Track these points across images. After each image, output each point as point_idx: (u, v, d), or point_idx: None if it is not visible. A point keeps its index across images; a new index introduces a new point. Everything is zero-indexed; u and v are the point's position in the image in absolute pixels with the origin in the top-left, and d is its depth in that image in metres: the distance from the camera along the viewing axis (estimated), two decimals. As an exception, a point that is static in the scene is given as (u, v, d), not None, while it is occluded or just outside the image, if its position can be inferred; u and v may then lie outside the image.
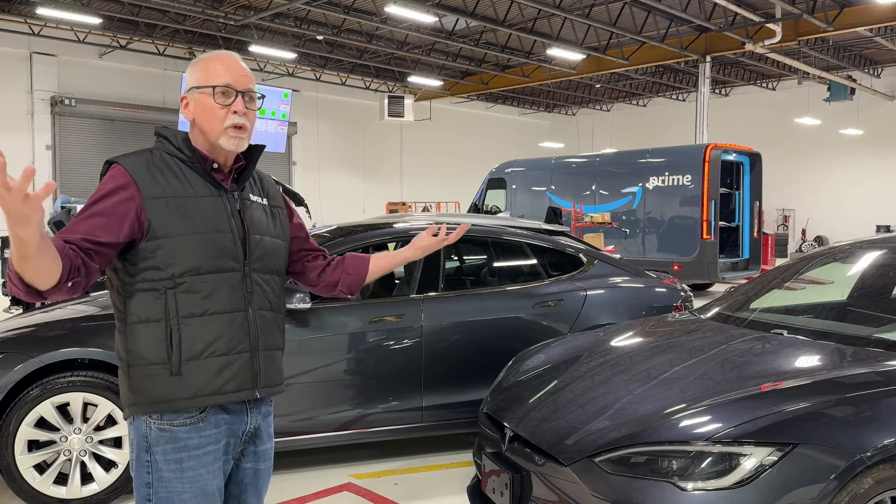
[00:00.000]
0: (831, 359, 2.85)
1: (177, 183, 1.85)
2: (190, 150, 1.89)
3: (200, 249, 1.82)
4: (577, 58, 19.04)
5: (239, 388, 1.87)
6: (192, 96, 1.91)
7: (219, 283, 1.84)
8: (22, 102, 18.45)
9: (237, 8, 16.03)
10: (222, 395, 1.84)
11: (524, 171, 16.40)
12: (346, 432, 4.13)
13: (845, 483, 2.25)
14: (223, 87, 1.87)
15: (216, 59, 1.92)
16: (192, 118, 1.92)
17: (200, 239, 1.83)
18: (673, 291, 5.09)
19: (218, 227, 1.86)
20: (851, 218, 22.70)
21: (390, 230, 4.68)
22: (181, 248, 1.80)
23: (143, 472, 1.83)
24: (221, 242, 1.86)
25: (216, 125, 1.87)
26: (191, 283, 1.81)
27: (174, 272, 1.80)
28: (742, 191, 13.64)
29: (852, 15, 15.42)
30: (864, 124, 22.96)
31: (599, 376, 3.09)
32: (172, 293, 1.79)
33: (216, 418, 1.86)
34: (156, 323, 1.79)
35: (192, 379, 1.81)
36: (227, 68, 1.90)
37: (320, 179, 24.17)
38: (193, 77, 1.92)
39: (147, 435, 1.82)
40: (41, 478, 3.61)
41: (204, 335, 1.82)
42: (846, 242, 4.08)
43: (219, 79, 1.88)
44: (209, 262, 1.83)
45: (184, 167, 1.88)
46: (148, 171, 1.84)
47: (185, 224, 1.82)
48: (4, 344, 3.67)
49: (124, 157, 1.87)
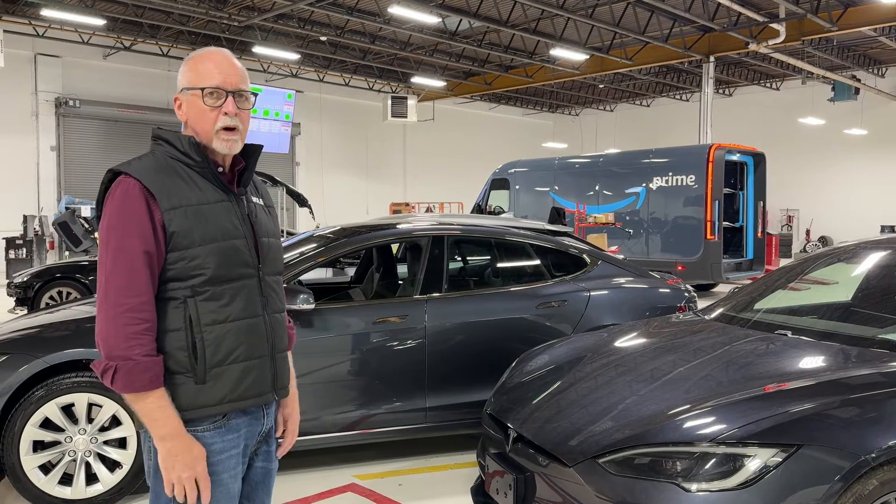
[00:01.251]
0: (836, 360, 2.85)
1: (188, 189, 1.80)
2: (199, 154, 1.84)
3: (220, 258, 1.80)
4: (580, 58, 19.02)
5: (260, 393, 1.88)
6: (184, 97, 1.86)
7: (238, 289, 1.83)
8: (26, 104, 18.49)
9: (241, 9, 16.05)
10: (245, 399, 1.85)
11: (527, 171, 16.40)
12: (349, 433, 4.14)
13: (850, 484, 2.25)
14: (212, 89, 1.83)
15: (206, 59, 1.86)
16: (185, 119, 1.88)
17: (219, 247, 1.80)
18: (677, 292, 5.09)
19: (233, 233, 1.84)
20: (856, 218, 22.64)
21: (394, 231, 4.68)
22: (202, 257, 1.78)
23: (160, 478, 1.80)
24: (239, 249, 1.84)
25: (208, 127, 1.84)
26: (212, 291, 1.80)
27: (195, 283, 1.78)
28: (746, 191, 13.62)
29: (856, 14, 15.38)
30: (869, 124, 22.90)
31: (603, 377, 3.09)
32: (193, 301, 1.78)
33: (237, 422, 1.86)
34: (177, 332, 1.78)
35: (218, 386, 1.80)
36: (218, 68, 1.85)
37: (324, 180, 24.18)
38: (184, 77, 1.87)
39: None
40: (46, 478, 3.62)
41: (227, 342, 1.81)
42: (850, 243, 4.07)
43: (208, 80, 1.83)
44: (229, 269, 1.82)
45: (191, 172, 1.83)
46: (160, 180, 1.78)
47: (204, 233, 1.79)
48: (9, 345, 3.68)
49: (130, 167, 1.79)
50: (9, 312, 8.76)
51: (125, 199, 1.75)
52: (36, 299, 8.56)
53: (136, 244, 1.72)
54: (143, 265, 1.72)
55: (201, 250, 1.78)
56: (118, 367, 1.69)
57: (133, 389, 1.70)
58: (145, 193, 1.75)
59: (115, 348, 1.69)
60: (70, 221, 12.50)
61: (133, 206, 1.74)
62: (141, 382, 1.70)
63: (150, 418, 1.73)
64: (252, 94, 1.92)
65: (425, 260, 4.47)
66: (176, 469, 1.74)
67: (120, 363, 1.69)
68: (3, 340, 3.73)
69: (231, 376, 1.82)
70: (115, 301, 1.70)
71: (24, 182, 18.29)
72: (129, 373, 1.69)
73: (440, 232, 4.59)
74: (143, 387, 1.70)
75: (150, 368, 1.70)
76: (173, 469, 1.74)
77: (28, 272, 8.92)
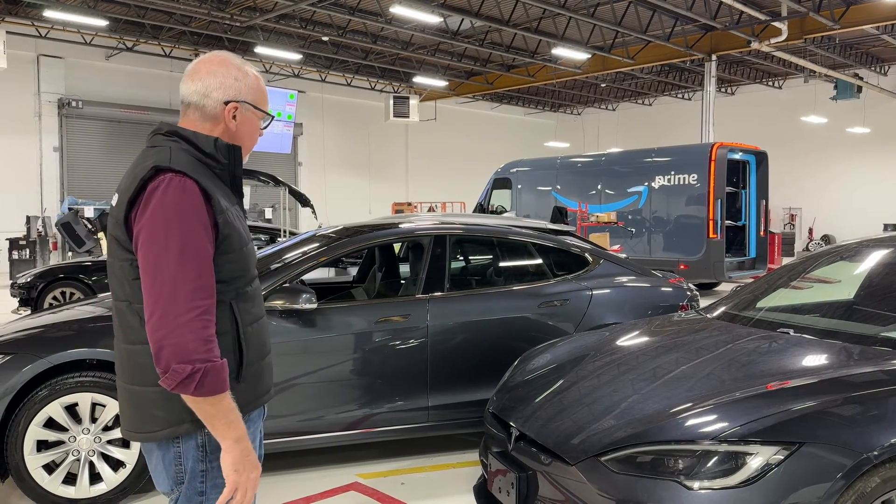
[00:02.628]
0: (838, 358, 2.85)
1: (222, 192, 1.82)
2: (226, 157, 1.85)
3: (249, 260, 1.88)
4: (582, 57, 19.02)
5: (271, 387, 1.98)
6: (245, 111, 1.87)
7: (256, 290, 1.92)
8: (29, 105, 18.54)
9: (243, 9, 16.07)
10: (265, 395, 1.94)
11: (529, 170, 16.39)
12: (352, 432, 4.14)
13: (852, 482, 2.25)
14: (269, 116, 1.95)
15: (260, 78, 1.94)
16: (235, 129, 1.87)
17: (247, 250, 1.87)
18: (679, 291, 5.09)
19: (248, 237, 1.91)
20: (858, 216, 22.62)
21: (396, 230, 4.68)
22: (241, 260, 1.83)
23: (196, 482, 1.81)
24: (253, 252, 1.94)
25: (250, 145, 1.95)
26: (246, 293, 1.86)
27: (239, 285, 1.83)
28: (748, 190, 13.60)
29: (859, 13, 15.36)
30: (871, 122, 22.86)
31: (605, 375, 3.09)
32: (236, 303, 1.82)
33: (254, 416, 1.93)
34: (226, 335, 1.78)
35: (252, 384, 1.86)
36: (267, 94, 1.95)
37: (326, 180, 24.21)
38: (250, 92, 1.87)
39: (205, 444, 1.79)
40: (50, 478, 3.64)
41: (257, 341, 1.89)
42: (853, 241, 4.07)
43: (267, 104, 1.94)
44: (251, 271, 1.90)
45: (212, 174, 1.82)
46: (210, 182, 1.77)
47: (240, 236, 1.84)
48: (13, 345, 3.69)
49: (174, 162, 1.72)
50: (12, 313, 8.79)
51: (185, 197, 1.69)
52: (39, 300, 8.58)
53: (204, 244, 1.70)
54: (210, 266, 1.71)
55: (239, 253, 1.83)
56: (206, 369, 1.62)
57: (219, 391, 1.66)
58: (204, 194, 1.72)
59: (195, 352, 1.62)
60: (73, 222, 12.50)
61: (196, 206, 1.70)
62: (224, 384, 1.68)
63: (227, 420, 1.69)
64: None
65: (427, 259, 4.47)
66: (247, 469, 1.73)
67: (208, 366, 1.63)
68: (7, 340, 3.74)
69: (260, 374, 1.90)
70: (189, 304, 1.63)
71: (27, 183, 18.33)
72: (218, 375, 1.65)
73: (442, 231, 4.59)
74: (224, 388, 1.68)
75: (225, 368, 1.69)
76: (244, 470, 1.73)
77: (31, 273, 8.94)
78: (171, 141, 1.80)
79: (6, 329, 3.99)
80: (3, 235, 15.96)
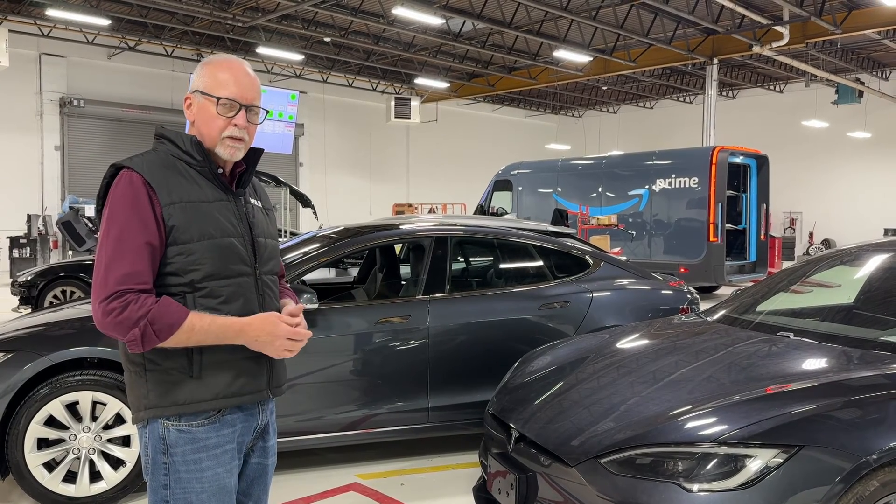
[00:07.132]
0: (838, 361, 2.85)
1: (188, 186, 1.84)
2: (200, 154, 1.87)
3: (217, 255, 1.83)
4: (583, 60, 19.03)
5: (255, 390, 1.91)
6: (197, 99, 1.89)
7: (235, 287, 1.86)
8: (31, 103, 18.55)
9: (245, 10, 16.09)
10: (240, 396, 1.88)
11: (530, 172, 16.40)
12: (352, 432, 4.15)
13: (851, 485, 2.26)
14: (227, 100, 1.86)
15: (226, 68, 1.89)
16: (192, 119, 1.91)
17: (216, 244, 1.83)
18: (679, 294, 5.09)
19: (230, 231, 1.87)
20: (859, 221, 22.61)
21: (397, 231, 4.69)
22: (200, 253, 1.80)
23: (159, 474, 1.82)
24: (235, 246, 1.87)
25: (214, 133, 1.87)
26: (210, 288, 1.82)
27: (193, 278, 1.80)
28: (749, 193, 13.61)
29: (860, 17, 15.37)
30: (872, 127, 22.87)
31: (605, 378, 3.10)
32: (192, 297, 1.80)
33: (232, 417, 1.88)
34: None
35: (213, 382, 1.82)
36: (235, 79, 1.88)
37: (327, 181, 24.21)
38: (201, 80, 1.89)
39: (165, 437, 1.81)
40: (50, 476, 3.64)
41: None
42: (853, 245, 4.08)
43: (225, 90, 1.86)
44: (226, 267, 1.84)
45: (191, 170, 1.86)
46: (162, 176, 1.81)
47: (203, 229, 1.81)
48: (14, 343, 3.70)
49: (132, 161, 1.82)
50: (13, 311, 8.80)
51: (127, 191, 1.77)
52: (40, 298, 8.59)
53: (139, 234, 1.74)
54: (146, 255, 1.74)
55: (199, 246, 1.80)
56: (150, 319, 1.69)
57: (177, 322, 1.71)
58: (147, 187, 1.78)
59: (130, 318, 1.69)
60: (74, 221, 12.52)
61: (137, 197, 1.77)
62: (177, 315, 1.72)
63: (215, 334, 1.77)
64: (263, 111, 1.95)
65: (428, 260, 4.48)
66: (274, 344, 1.84)
67: (149, 316, 1.69)
68: (7, 339, 3.75)
69: (227, 373, 1.84)
70: (116, 288, 1.70)
71: (29, 181, 18.33)
72: (162, 317, 1.71)
73: (443, 232, 4.60)
74: (180, 317, 1.72)
75: (170, 303, 1.73)
76: (272, 345, 1.84)
77: (32, 271, 8.95)
78: (158, 142, 1.91)
79: (7, 327, 3.99)
80: (4, 234, 15.96)
